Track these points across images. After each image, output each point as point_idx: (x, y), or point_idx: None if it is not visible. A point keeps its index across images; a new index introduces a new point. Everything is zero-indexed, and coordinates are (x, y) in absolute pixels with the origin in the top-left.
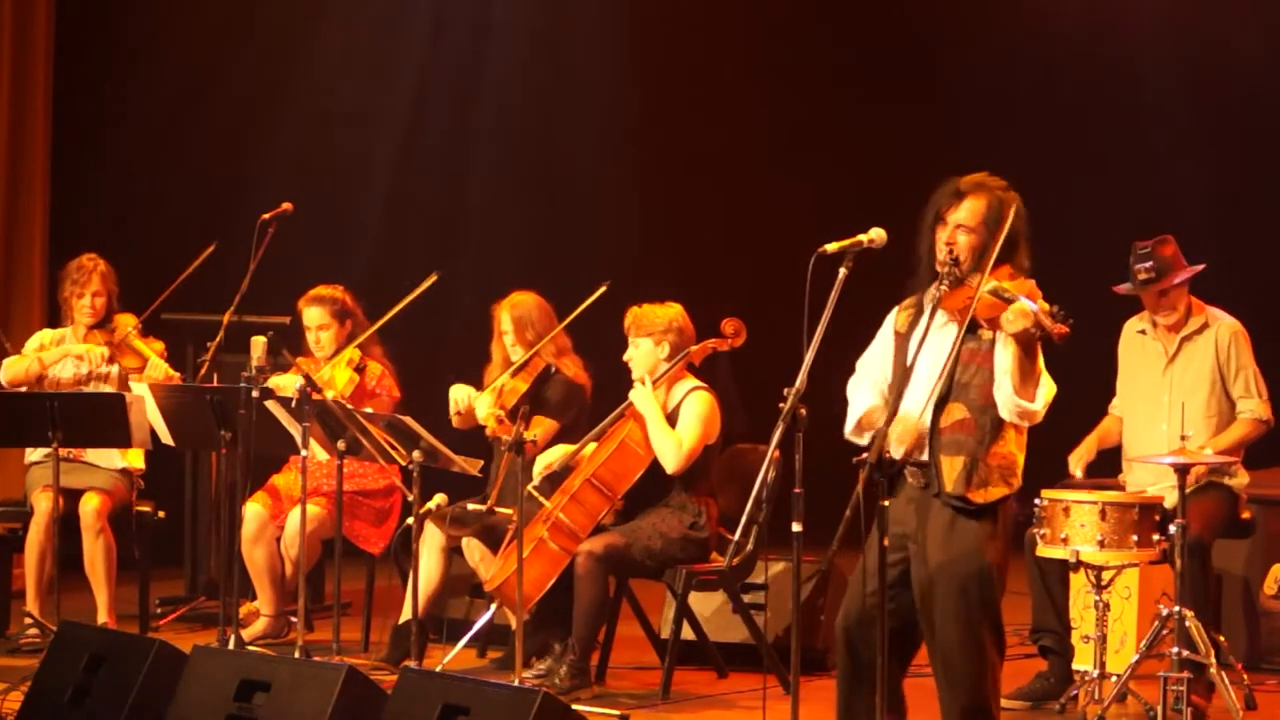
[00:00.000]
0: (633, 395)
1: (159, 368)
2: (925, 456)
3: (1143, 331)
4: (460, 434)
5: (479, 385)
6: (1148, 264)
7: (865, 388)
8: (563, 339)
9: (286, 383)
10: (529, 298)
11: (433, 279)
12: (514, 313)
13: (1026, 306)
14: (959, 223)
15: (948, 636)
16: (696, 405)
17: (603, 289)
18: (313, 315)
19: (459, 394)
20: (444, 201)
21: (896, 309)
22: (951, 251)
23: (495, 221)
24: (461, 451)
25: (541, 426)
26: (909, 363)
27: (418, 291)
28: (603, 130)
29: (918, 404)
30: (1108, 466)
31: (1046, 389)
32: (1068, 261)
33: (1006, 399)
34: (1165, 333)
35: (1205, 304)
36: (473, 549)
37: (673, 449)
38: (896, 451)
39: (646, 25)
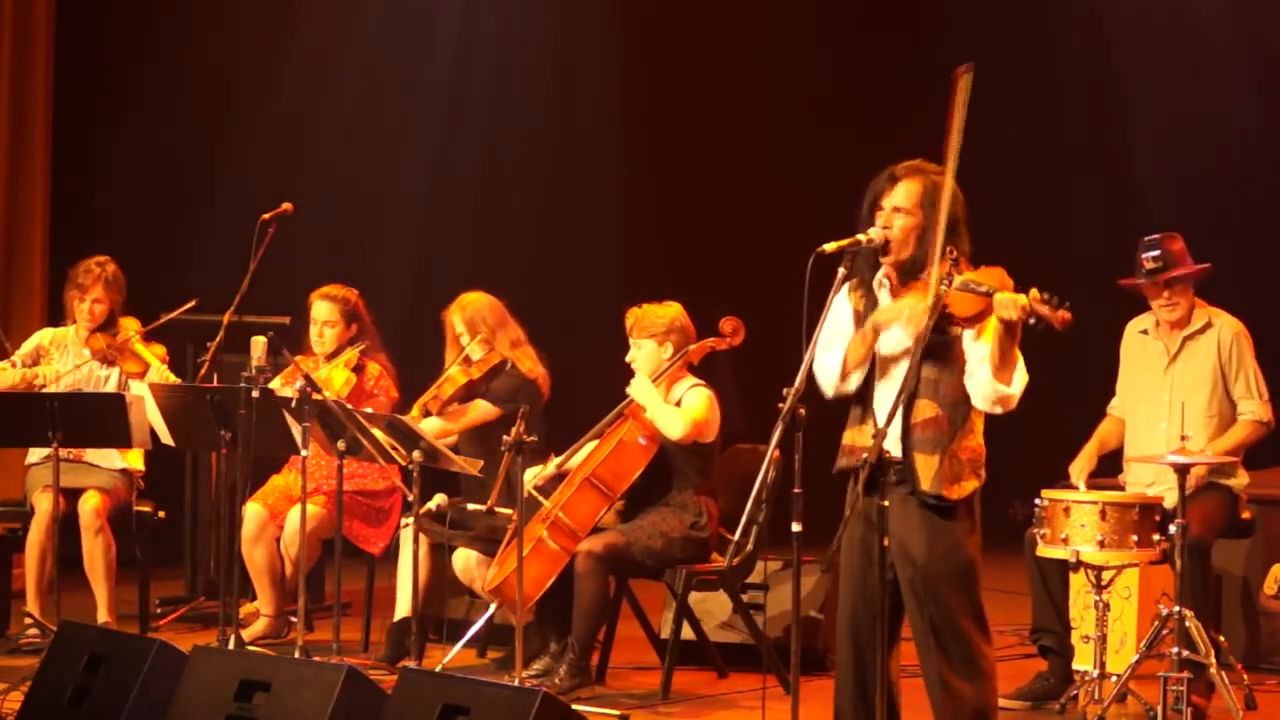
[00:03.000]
0: (631, 385)
1: (160, 374)
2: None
3: (1145, 332)
4: (459, 434)
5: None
6: (1155, 253)
7: (835, 343)
8: (516, 331)
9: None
10: (478, 296)
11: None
12: (465, 314)
13: (1022, 299)
14: (895, 205)
15: (941, 633)
16: (698, 397)
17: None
18: (321, 309)
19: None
20: (443, 202)
21: (846, 289)
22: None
23: (493, 222)
24: (461, 452)
25: (478, 410)
26: (870, 363)
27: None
28: (601, 129)
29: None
30: (1108, 467)
31: (1022, 375)
32: (1068, 262)
33: (983, 385)
34: (1167, 332)
35: (1209, 304)
36: (460, 558)
37: (676, 418)
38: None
39: (644, 22)
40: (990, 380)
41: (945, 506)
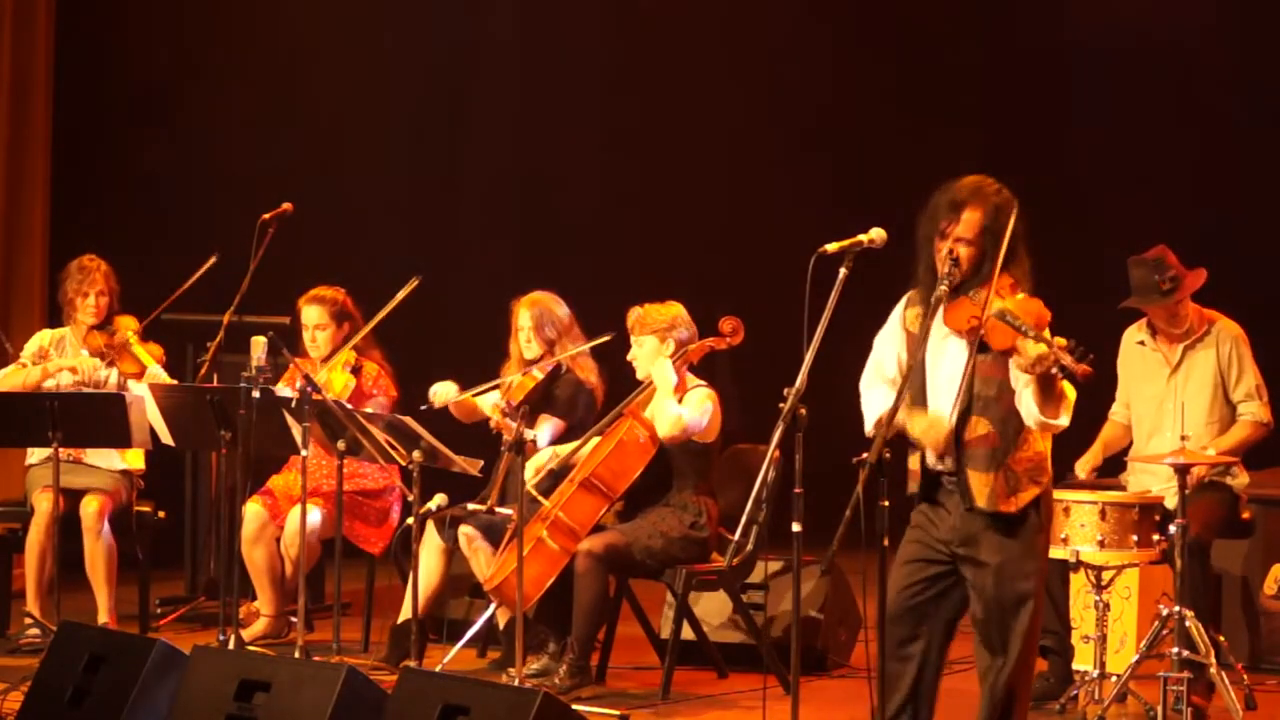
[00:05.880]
0: (654, 365)
1: (157, 377)
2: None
3: (1141, 343)
4: (460, 434)
5: (480, 381)
6: (1170, 273)
7: (879, 386)
8: (580, 340)
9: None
10: (548, 297)
11: (414, 283)
12: (533, 310)
13: (1044, 350)
14: (958, 236)
15: (993, 635)
16: (700, 397)
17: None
18: (311, 314)
19: (439, 389)
20: (442, 202)
21: (904, 303)
22: (953, 253)
23: (493, 222)
24: (461, 452)
25: (547, 424)
26: (921, 370)
27: (400, 296)
28: (601, 129)
29: (943, 410)
30: (1109, 467)
31: (1069, 403)
32: (1066, 263)
33: (1030, 413)
34: (1167, 342)
35: (1204, 309)
36: (476, 553)
37: (672, 417)
38: (930, 458)
39: (645, 23)
40: (1036, 415)
41: (1006, 519)
